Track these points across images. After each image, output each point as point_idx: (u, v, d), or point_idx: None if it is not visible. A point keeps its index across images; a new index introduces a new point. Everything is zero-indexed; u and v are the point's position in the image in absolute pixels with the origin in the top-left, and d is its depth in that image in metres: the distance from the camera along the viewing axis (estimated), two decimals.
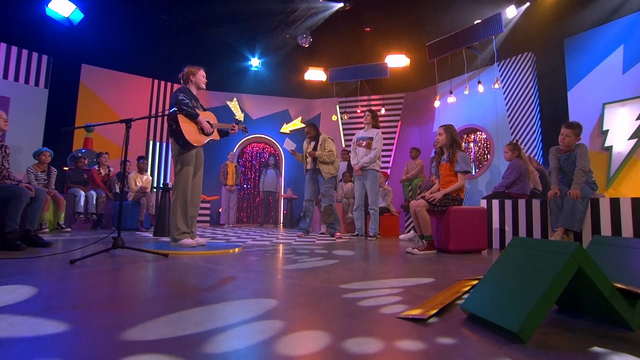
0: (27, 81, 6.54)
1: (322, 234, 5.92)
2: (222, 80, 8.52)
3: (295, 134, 8.91)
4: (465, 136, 7.68)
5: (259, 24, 8.26)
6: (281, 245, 3.95)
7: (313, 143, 5.10)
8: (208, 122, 3.24)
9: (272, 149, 9.17)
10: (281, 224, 8.37)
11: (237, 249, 3.32)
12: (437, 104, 7.18)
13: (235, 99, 8.72)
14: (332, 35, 8.45)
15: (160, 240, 4.30)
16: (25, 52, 6.57)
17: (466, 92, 6.69)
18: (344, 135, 8.63)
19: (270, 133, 8.93)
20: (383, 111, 8.18)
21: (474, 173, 6.98)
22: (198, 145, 3.10)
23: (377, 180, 4.97)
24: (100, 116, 7.15)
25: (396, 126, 8.36)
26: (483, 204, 4.34)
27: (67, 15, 6.79)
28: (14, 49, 6.45)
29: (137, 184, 6.33)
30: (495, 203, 4.22)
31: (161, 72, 7.86)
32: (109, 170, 6.57)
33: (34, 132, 6.50)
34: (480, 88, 6.42)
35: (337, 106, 8.69)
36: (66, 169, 6.36)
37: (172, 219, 3.28)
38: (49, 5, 6.63)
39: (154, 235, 4.85)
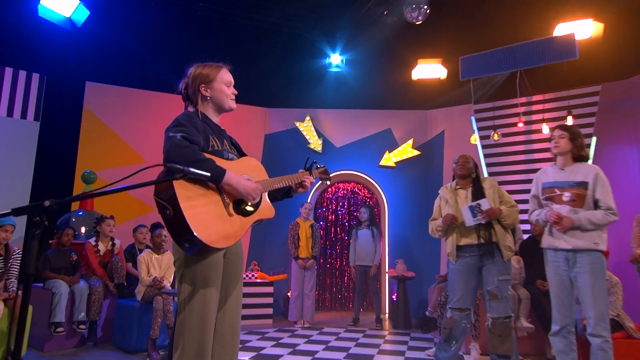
0: (10, 113, 5.75)
1: None
2: (287, 92, 7.51)
3: (405, 168, 7.09)
4: None
5: (342, 1, 7.06)
6: None
7: (469, 191, 3.54)
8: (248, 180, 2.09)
9: (365, 190, 7.52)
10: (386, 321, 6.47)
11: None
12: None
13: (308, 118, 7.37)
14: (456, 5, 6.87)
15: None
16: (8, 71, 5.72)
17: None
18: (487, 166, 6.50)
19: (365, 167, 7.27)
20: (570, 122, 5.64)
21: None
22: (225, 246, 1.90)
23: (605, 270, 3.16)
24: (112, 156, 6.17)
25: (587, 144, 5.94)
26: None
27: (68, 15, 5.85)
28: None
29: (151, 271, 4.59)
30: None
31: None
32: (113, 245, 5.03)
33: (19, 184, 5.72)
34: None
35: (473, 119, 6.61)
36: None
37: None
38: (42, 1, 5.65)
39: None
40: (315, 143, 7.16)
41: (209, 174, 1.75)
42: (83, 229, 5.19)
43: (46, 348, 4.37)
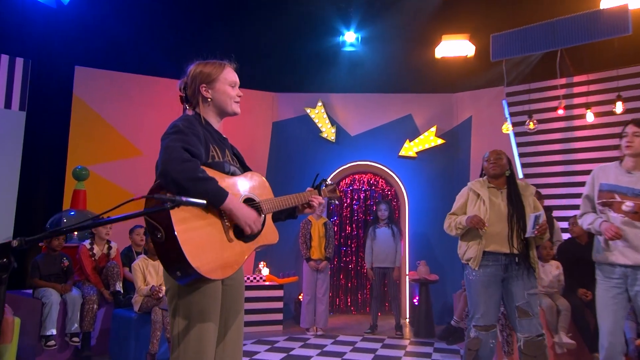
0: None
1: None
2: (296, 74, 7.33)
3: (428, 158, 6.87)
4: None
5: None
6: None
7: (504, 193, 3.41)
8: (253, 202, 2.07)
9: (383, 183, 7.35)
10: (407, 327, 6.29)
11: None
12: None
13: (320, 103, 7.17)
14: None
15: None
16: None
17: None
18: (520, 157, 6.23)
19: (383, 158, 7.11)
20: (619, 107, 5.30)
21: None
22: (222, 277, 1.91)
23: None
24: (105, 149, 6.10)
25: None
26: None
27: None
28: None
29: (147, 279, 4.43)
30: None
31: None
32: (109, 249, 4.91)
33: (5, 181, 5.55)
34: None
35: (505, 103, 6.37)
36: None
37: None
38: None
39: None
40: (328, 131, 7.01)
41: (204, 202, 1.64)
42: (65, 237, 5.00)
43: None
